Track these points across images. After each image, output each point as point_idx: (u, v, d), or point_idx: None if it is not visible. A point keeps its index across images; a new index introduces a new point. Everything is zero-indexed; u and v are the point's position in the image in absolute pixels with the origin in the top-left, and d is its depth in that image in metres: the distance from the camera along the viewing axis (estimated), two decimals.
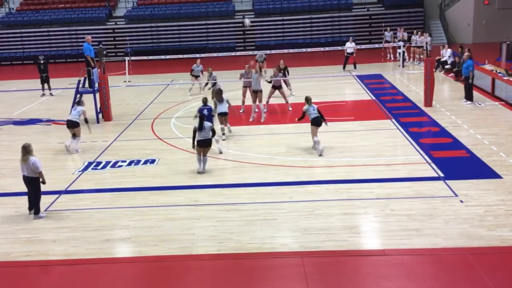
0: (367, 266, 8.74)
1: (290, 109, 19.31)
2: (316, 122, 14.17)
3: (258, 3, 38.25)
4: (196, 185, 12.55)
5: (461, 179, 11.99)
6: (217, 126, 15.56)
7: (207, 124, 13.29)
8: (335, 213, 10.59)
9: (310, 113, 14.27)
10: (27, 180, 11.04)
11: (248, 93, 19.10)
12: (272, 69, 20.42)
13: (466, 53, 19.81)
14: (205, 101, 15.21)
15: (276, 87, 19.38)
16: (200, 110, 14.64)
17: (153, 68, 31.44)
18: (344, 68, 27.32)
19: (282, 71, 20.93)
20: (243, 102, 19.60)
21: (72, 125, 15.71)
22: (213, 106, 15.62)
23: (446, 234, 9.50)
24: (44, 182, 11.09)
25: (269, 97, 19.34)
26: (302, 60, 31.64)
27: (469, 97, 19.17)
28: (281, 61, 21.67)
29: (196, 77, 23.59)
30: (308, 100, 14.37)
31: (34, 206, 11.11)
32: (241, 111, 19.41)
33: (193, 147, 13.25)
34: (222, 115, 16.00)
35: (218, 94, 16.12)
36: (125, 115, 20.23)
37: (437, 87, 19.58)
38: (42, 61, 24.79)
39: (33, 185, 11.04)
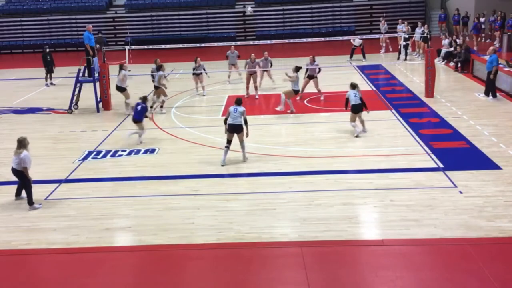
0: (366, 256, 8.78)
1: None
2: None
3: None
4: (196, 175, 12.56)
5: (461, 170, 12.01)
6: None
7: (239, 108, 13.05)
8: (334, 203, 10.62)
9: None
10: (15, 172, 11.16)
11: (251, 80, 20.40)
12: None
13: (491, 48, 19.46)
14: (143, 99, 15.53)
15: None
16: (136, 105, 15.32)
17: (153, 57, 31.23)
18: (351, 57, 27.36)
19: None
20: (247, 88, 20.50)
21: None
22: None
23: (445, 225, 9.53)
24: (29, 180, 11.10)
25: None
26: (302, 50, 31.52)
27: (487, 92, 18.46)
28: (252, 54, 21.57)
29: (233, 65, 23.03)
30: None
31: (27, 198, 11.13)
32: (245, 96, 20.12)
33: (225, 131, 13.16)
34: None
35: None
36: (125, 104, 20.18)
37: (437, 77, 19.53)
38: (47, 50, 24.80)
39: (21, 178, 11.14)
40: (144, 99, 15.55)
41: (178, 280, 8.40)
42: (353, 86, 15.22)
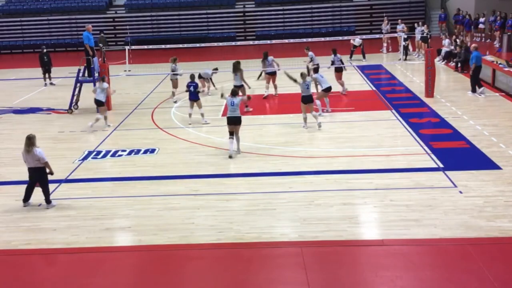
0: (366, 256, 8.78)
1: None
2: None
3: None
4: (196, 175, 12.56)
5: (461, 170, 12.01)
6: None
7: (235, 100, 13.55)
8: (334, 203, 10.62)
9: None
10: (34, 171, 10.96)
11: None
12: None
13: (473, 45, 19.61)
14: (192, 77, 17.12)
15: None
16: (188, 86, 16.81)
17: (153, 57, 31.33)
18: (351, 57, 27.37)
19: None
20: (267, 88, 20.40)
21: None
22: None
23: (445, 225, 9.53)
24: (52, 173, 11.02)
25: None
26: (302, 50, 31.52)
27: (472, 88, 18.98)
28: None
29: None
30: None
31: (45, 196, 11.05)
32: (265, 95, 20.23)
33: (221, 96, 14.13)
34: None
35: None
36: (125, 104, 20.22)
37: (437, 77, 19.54)
38: (45, 50, 24.81)
39: (41, 176, 10.97)
40: (192, 77, 17.16)
41: (178, 280, 8.40)
42: (304, 76, 15.56)
